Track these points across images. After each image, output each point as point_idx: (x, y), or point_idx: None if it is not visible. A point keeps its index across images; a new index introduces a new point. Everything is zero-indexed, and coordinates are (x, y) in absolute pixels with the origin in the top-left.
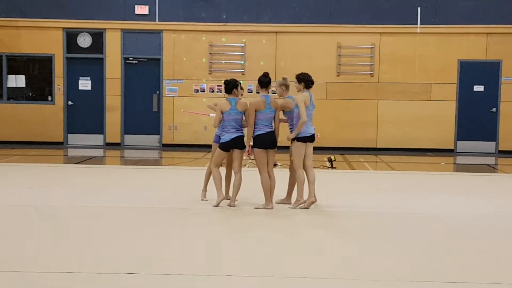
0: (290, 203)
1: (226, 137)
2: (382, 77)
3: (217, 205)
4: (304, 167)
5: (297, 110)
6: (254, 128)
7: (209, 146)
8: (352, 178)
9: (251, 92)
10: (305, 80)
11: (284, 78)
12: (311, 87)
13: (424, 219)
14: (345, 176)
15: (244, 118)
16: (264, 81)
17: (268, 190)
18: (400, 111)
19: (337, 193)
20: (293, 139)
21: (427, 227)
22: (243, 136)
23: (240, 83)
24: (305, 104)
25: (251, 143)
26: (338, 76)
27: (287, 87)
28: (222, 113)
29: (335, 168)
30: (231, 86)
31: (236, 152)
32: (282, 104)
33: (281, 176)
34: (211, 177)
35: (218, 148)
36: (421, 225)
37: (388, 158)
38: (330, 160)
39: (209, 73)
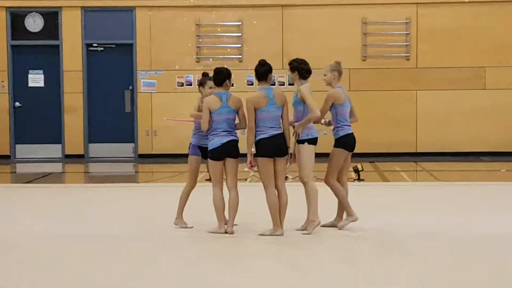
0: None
1: (216, 141)
2: (421, 60)
3: (216, 232)
4: (340, 180)
5: (301, 107)
6: (256, 131)
7: None
8: (386, 192)
9: (252, 84)
10: (300, 69)
11: (337, 63)
12: (307, 77)
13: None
14: (376, 190)
15: (238, 118)
16: (261, 71)
17: (277, 211)
18: (445, 105)
19: (366, 212)
20: (301, 141)
21: None
22: (237, 141)
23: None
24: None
25: (253, 150)
26: (363, 60)
27: (340, 73)
28: (211, 112)
29: (363, 180)
30: (223, 77)
31: (229, 162)
32: (332, 95)
33: (295, 191)
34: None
35: (209, 160)
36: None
37: (432, 166)
38: (356, 170)
39: (197, 61)
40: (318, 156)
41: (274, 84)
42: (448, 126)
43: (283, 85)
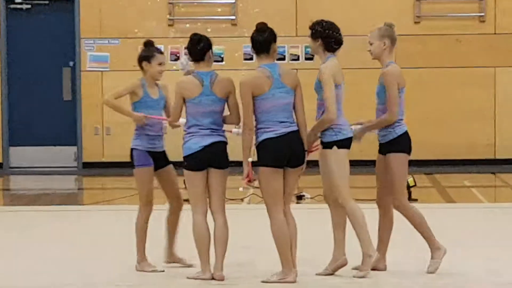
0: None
1: (193, 144)
2: (503, 23)
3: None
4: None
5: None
6: (256, 129)
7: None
8: (449, 219)
9: (251, 58)
10: (326, 36)
11: (389, 25)
12: (336, 50)
13: None
14: (435, 215)
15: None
16: (260, 40)
17: (288, 247)
18: None
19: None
20: (327, 144)
21: None
22: (225, 144)
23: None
24: (336, 82)
25: (252, 158)
26: (417, 23)
27: (393, 42)
28: (185, 100)
29: (415, 200)
30: (202, 48)
31: (213, 175)
32: (394, 75)
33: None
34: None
35: (185, 172)
36: None
37: None
38: (407, 186)
39: (170, 25)
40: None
41: (284, 59)
42: None
43: (298, 59)
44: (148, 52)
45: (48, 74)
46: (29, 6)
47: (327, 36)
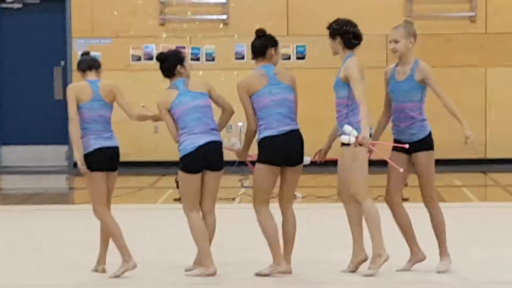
0: (421, 259)
1: (188, 144)
2: (493, 23)
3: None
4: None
5: (345, 91)
6: (259, 125)
7: (163, 165)
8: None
9: (242, 57)
10: (345, 33)
11: (410, 23)
12: (356, 46)
13: None
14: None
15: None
16: (257, 46)
17: (277, 242)
18: None
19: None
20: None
21: None
22: (220, 144)
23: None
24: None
25: (251, 156)
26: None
27: (415, 39)
28: (169, 111)
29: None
30: (171, 64)
31: (209, 176)
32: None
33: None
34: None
35: (180, 174)
36: None
37: (509, 179)
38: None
39: (161, 25)
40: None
41: None
42: None
43: (289, 59)
44: (83, 62)
45: (40, 73)
46: (20, 5)
47: (345, 32)
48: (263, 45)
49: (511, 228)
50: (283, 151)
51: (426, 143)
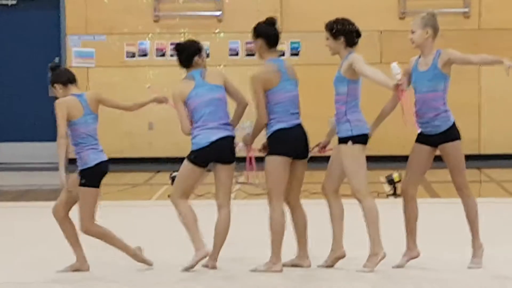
0: (415, 256)
1: (202, 139)
2: (487, 19)
3: (191, 267)
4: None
5: (345, 88)
6: (269, 119)
7: (157, 161)
8: (435, 214)
9: (236, 54)
10: (347, 32)
11: (432, 15)
12: (357, 43)
13: None
14: (421, 210)
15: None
16: (274, 34)
17: (281, 236)
18: None
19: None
20: (342, 139)
21: None
22: (233, 138)
23: (202, 48)
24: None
25: (252, 150)
26: (401, 19)
27: (435, 31)
28: (185, 103)
29: (399, 195)
30: (188, 54)
31: (222, 170)
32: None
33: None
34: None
35: (187, 163)
36: None
37: (503, 174)
38: (391, 181)
39: (155, 21)
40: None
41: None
42: None
43: (283, 55)
44: (55, 75)
45: (34, 70)
46: (14, 2)
47: (349, 31)
48: (278, 34)
49: (507, 224)
50: (295, 143)
51: (451, 134)
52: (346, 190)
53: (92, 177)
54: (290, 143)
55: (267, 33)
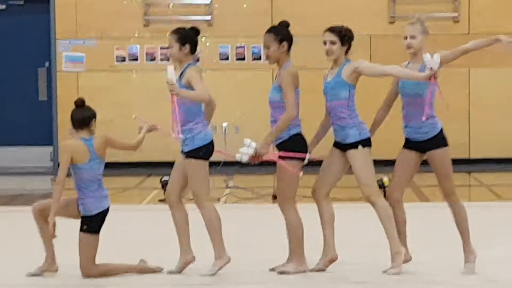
0: (407, 260)
1: (207, 134)
2: (476, 24)
3: (215, 272)
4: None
5: (346, 93)
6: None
7: (148, 165)
8: (424, 218)
9: (227, 58)
10: (351, 40)
11: (423, 19)
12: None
13: None
14: (410, 214)
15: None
16: (291, 36)
17: (301, 239)
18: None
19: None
20: (350, 145)
21: None
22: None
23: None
24: (355, 82)
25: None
26: (391, 23)
27: (426, 34)
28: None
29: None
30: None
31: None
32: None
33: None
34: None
35: (197, 162)
36: None
37: (492, 178)
38: (381, 186)
39: (145, 25)
40: None
41: (259, 59)
42: None
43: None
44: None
45: (24, 74)
46: (4, 6)
47: (352, 39)
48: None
49: (497, 227)
50: (306, 148)
51: (438, 140)
52: (336, 194)
53: (93, 224)
54: (305, 147)
55: (291, 37)
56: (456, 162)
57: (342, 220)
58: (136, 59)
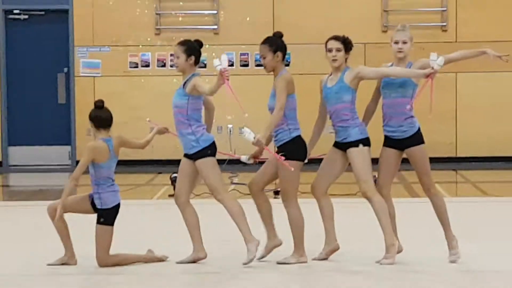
0: (398, 251)
1: (209, 135)
2: (463, 32)
3: (251, 260)
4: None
5: (349, 96)
6: (286, 125)
7: (158, 163)
8: (414, 213)
9: (232, 64)
10: (352, 48)
11: (407, 26)
12: None
13: None
14: (400, 209)
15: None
16: (285, 46)
17: (302, 232)
18: (495, 92)
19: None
20: (351, 143)
21: None
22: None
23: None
24: (356, 86)
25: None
26: (384, 32)
27: (412, 40)
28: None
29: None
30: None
31: (194, 165)
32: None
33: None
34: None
35: (206, 160)
36: None
37: (478, 175)
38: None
39: (156, 34)
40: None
41: (261, 65)
42: (500, 121)
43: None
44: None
45: (44, 79)
46: (26, 16)
47: (353, 46)
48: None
49: (482, 222)
50: (306, 149)
51: (417, 138)
52: (333, 190)
53: (109, 216)
54: (305, 150)
55: (284, 47)
56: (444, 160)
57: (339, 214)
58: (148, 65)
